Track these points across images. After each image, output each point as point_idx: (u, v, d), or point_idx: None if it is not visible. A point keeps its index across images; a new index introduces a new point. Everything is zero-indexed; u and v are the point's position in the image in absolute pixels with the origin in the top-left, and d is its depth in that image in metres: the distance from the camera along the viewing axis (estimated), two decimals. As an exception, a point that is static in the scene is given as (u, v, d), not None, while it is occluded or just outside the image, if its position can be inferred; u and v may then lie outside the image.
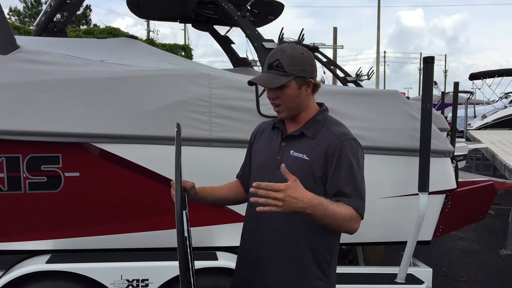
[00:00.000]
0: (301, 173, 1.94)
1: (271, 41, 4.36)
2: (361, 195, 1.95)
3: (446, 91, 16.63)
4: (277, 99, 1.99)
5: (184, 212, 1.84)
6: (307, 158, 1.97)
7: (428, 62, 3.21)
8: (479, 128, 15.03)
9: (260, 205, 1.70)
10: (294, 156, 2.00)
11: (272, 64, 1.96)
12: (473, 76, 17.04)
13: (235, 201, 2.34)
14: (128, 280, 3.07)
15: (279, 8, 5.90)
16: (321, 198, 1.81)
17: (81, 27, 29.50)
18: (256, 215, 2.03)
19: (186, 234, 1.77)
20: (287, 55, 1.95)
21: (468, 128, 13.59)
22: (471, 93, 17.92)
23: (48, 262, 3.08)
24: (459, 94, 11.42)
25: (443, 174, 3.51)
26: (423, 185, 3.25)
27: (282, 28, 5.44)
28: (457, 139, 7.24)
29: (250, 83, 2.04)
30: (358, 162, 1.98)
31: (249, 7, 4.70)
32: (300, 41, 5.86)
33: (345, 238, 3.45)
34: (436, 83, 24.30)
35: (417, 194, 3.31)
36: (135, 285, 3.07)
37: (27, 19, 32.04)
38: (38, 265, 3.05)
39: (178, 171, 1.79)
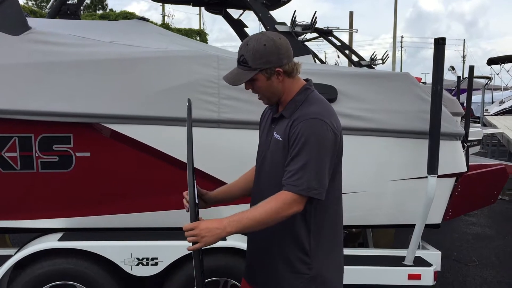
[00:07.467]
0: (279, 155, 2.00)
1: (284, 24, 4.34)
2: (305, 175, 1.86)
3: (464, 77, 16.36)
4: (252, 90, 2.06)
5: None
6: (280, 139, 2.00)
7: (439, 44, 3.16)
8: (496, 113, 14.80)
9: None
10: (275, 138, 2.04)
11: (239, 59, 2.00)
12: (491, 61, 16.70)
13: None
14: (138, 258, 3.13)
15: (292, -9, 5.83)
16: (232, 216, 1.86)
17: (97, 12, 29.60)
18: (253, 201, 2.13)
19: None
20: (249, 49, 1.96)
21: (485, 114, 13.40)
22: (489, 78, 17.58)
23: (60, 240, 3.15)
24: (476, 79, 11.22)
25: (453, 157, 3.47)
26: (432, 167, 3.23)
27: (295, 11, 5.38)
28: (471, 124, 7.14)
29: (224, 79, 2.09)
30: (314, 142, 1.88)
31: (261, -10, 4.67)
32: (312, 24, 5.80)
33: (354, 220, 3.49)
34: (453, 68, 23.91)
35: (426, 177, 3.29)
36: (144, 263, 3.13)
37: (44, 4, 32.21)
38: (50, 242, 3.12)
39: (190, 151, 1.76)
